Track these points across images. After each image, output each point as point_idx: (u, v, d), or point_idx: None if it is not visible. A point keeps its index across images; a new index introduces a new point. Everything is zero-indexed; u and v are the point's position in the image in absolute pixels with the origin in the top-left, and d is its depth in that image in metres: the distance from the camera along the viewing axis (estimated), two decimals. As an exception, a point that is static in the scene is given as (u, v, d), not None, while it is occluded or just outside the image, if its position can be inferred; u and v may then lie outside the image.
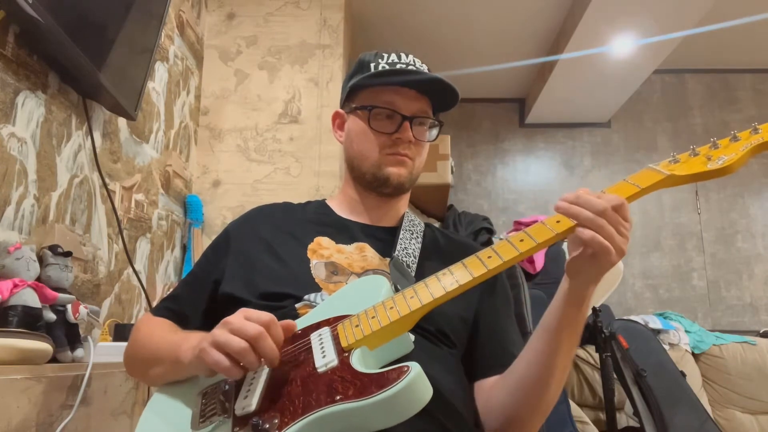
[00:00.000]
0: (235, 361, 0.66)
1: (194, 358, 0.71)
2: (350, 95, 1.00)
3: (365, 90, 0.98)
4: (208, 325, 0.76)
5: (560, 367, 0.78)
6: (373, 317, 0.71)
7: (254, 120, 2.48)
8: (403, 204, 1.04)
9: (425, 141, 0.98)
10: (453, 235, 1.09)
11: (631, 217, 0.70)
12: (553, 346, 0.77)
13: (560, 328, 0.76)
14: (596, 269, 0.70)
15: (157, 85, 2.03)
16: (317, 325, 0.75)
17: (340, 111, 1.04)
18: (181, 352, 0.75)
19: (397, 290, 0.78)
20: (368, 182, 0.98)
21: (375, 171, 0.96)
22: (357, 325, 0.71)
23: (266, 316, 0.68)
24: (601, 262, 0.69)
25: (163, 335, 0.86)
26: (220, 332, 0.67)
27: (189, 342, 0.75)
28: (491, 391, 0.86)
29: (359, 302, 0.75)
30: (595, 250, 0.67)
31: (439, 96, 0.97)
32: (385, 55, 0.98)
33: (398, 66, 0.96)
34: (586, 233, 0.67)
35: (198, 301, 0.94)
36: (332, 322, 0.74)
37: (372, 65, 0.97)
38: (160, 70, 2.06)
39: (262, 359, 0.67)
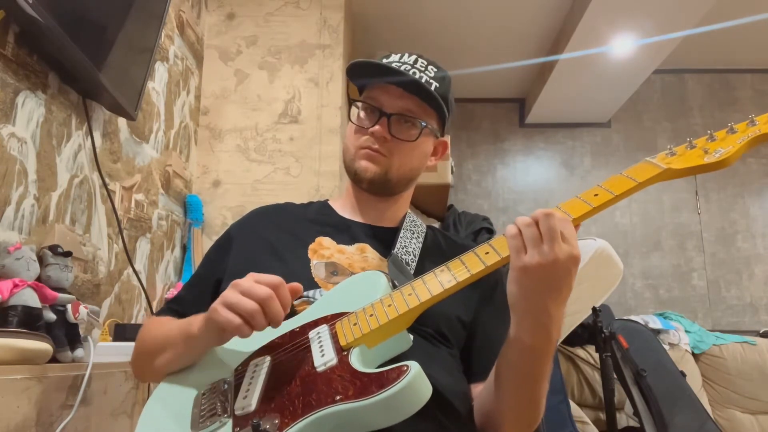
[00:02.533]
0: (246, 320, 0.68)
1: (205, 324, 0.73)
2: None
3: (365, 88, 0.99)
4: None
5: (508, 408, 0.77)
6: (371, 315, 0.71)
7: (254, 120, 2.48)
8: (402, 205, 1.04)
9: (405, 140, 0.94)
10: (455, 237, 1.09)
11: (576, 253, 0.66)
12: (509, 394, 0.77)
13: (514, 377, 0.75)
14: (523, 293, 0.67)
15: (157, 85, 2.03)
16: (315, 323, 0.75)
17: None
18: (192, 327, 0.77)
19: (394, 287, 0.78)
20: (351, 177, 0.99)
21: (350, 165, 0.97)
22: (355, 324, 0.71)
23: (275, 278, 0.70)
24: (517, 275, 0.66)
25: (171, 323, 0.88)
26: (231, 293, 0.69)
27: (198, 318, 0.77)
28: (475, 398, 0.87)
29: (357, 299, 0.75)
30: (510, 248, 0.67)
31: (426, 98, 0.95)
32: (392, 55, 0.99)
33: (395, 65, 0.95)
34: (510, 228, 0.68)
35: (201, 302, 0.94)
36: (330, 320, 0.74)
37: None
38: (160, 70, 2.06)
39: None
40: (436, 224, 2.79)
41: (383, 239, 0.96)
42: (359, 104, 0.97)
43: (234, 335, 0.70)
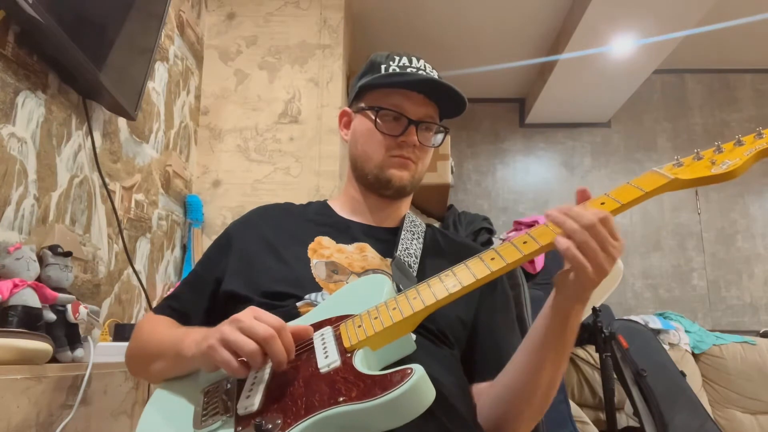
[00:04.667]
0: (243, 360, 0.66)
1: (199, 354, 0.71)
2: (359, 95, 1.01)
3: (374, 91, 0.98)
4: (210, 323, 0.76)
5: (545, 383, 0.78)
6: (375, 318, 0.71)
7: (254, 120, 2.48)
8: (405, 205, 1.05)
9: (430, 146, 0.98)
10: (454, 235, 1.09)
11: (621, 238, 0.69)
12: (537, 362, 0.77)
13: (544, 343, 0.76)
14: (577, 285, 0.69)
15: (157, 85, 2.03)
16: (319, 325, 0.75)
17: (348, 110, 1.05)
18: (183, 347, 0.75)
19: (399, 290, 0.78)
20: (370, 183, 0.98)
21: (378, 172, 0.96)
22: (360, 326, 0.71)
23: (277, 321, 0.67)
24: (579, 277, 0.68)
25: (166, 331, 0.87)
26: (229, 330, 0.67)
27: (191, 336, 0.75)
28: (480, 397, 0.86)
29: (361, 302, 0.75)
30: (571, 263, 0.67)
31: (446, 103, 0.97)
32: (397, 58, 0.99)
33: (409, 70, 0.96)
34: (562, 243, 0.67)
35: (200, 300, 0.95)
36: (334, 322, 0.74)
37: (383, 67, 0.98)
38: (160, 70, 2.06)
39: (270, 360, 0.67)
40: (436, 224, 2.79)
41: (383, 239, 0.96)
42: (385, 111, 0.95)
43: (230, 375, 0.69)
